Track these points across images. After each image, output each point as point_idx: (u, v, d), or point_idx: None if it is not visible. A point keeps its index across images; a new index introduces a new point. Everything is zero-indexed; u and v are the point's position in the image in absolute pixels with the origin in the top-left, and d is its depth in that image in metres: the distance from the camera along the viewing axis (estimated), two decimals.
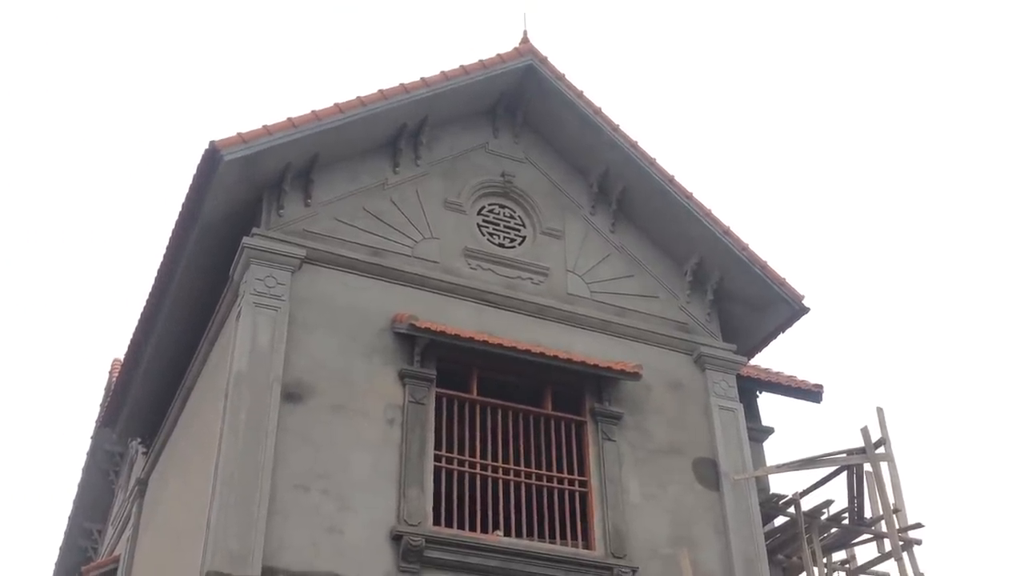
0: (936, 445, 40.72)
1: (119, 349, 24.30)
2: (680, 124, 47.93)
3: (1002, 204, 44.87)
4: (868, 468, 12.32)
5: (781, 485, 13.85)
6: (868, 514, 12.61)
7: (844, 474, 12.68)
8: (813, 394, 15.11)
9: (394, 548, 10.11)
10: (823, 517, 12.73)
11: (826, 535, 12.88)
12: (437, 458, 10.88)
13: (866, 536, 12.89)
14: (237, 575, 9.29)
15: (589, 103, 13.26)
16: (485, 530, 10.70)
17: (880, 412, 12.29)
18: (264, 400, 10.28)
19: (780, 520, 13.17)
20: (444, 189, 12.77)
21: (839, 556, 13.44)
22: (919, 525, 11.97)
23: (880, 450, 12.08)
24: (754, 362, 14.45)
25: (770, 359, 25.05)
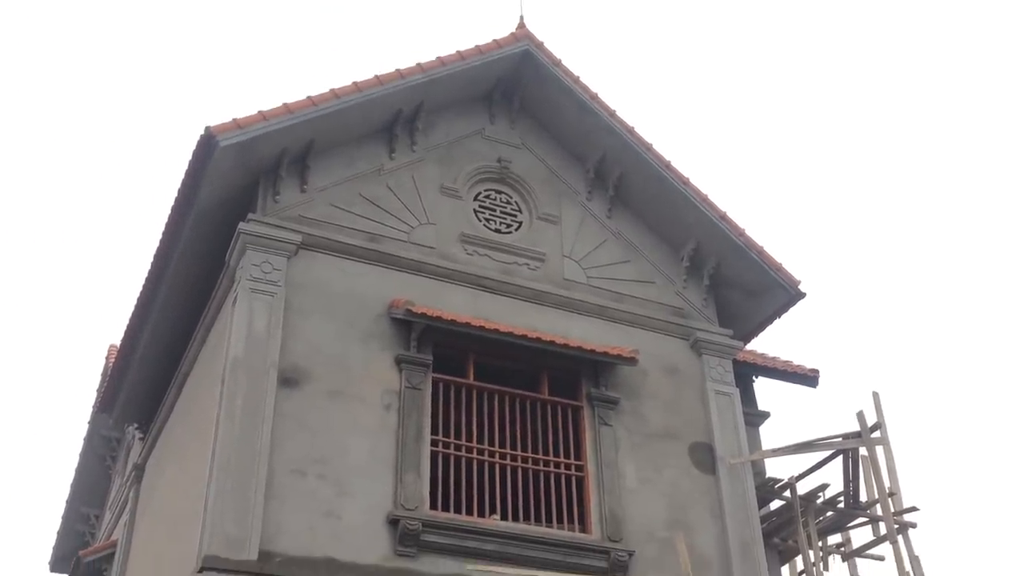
0: (931, 429, 40.85)
1: (115, 335, 24.34)
2: (676, 110, 47.88)
3: (997, 188, 44.89)
4: (864, 452, 12.35)
5: (777, 469, 13.96)
6: (863, 498, 12.65)
7: (840, 458, 12.72)
8: (809, 379, 15.14)
9: (391, 532, 10.14)
10: (819, 501, 12.78)
11: (822, 519, 12.93)
12: (434, 443, 10.91)
13: (861, 520, 12.94)
14: (235, 560, 9.33)
15: (586, 88, 13.24)
16: (482, 514, 10.74)
17: (876, 396, 12.33)
18: (261, 385, 10.29)
19: (776, 504, 13.23)
20: (440, 175, 12.76)
21: (835, 539, 13.49)
22: (914, 508, 12.02)
23: (876, 434, 12.12)
24: (750, 347, 14.49)
25: (766, 344, 25.04)
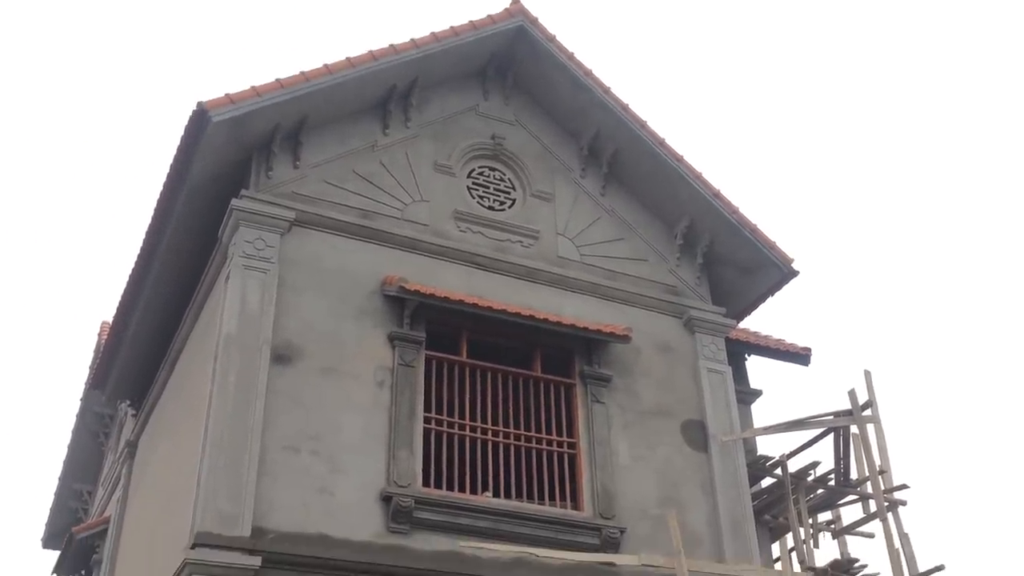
0: (922, 407, 41.03)
1: (108, 311, 24.28)
2: (671, 90, 47.74)
3: (990, 165, 44.91)
4: (854, 430, 12.42)
5: (768, 447, 13.99)
6: (854, 475, 12.73)
7: (831, 436, 12.79)
8: (801, 357, 15.19)
9: (384, 509, 10.17)
10: (809, 478, 12.85)
11: (812, 496, 13.01)
12: (427, 420, 10.91)
13: (852, 497, 13.04)
14: (227, 536, 9.34)
15: (580, 65, 13.18)
16: (474, 491, 10.77)
17: (867, 375, 12.37)
18: (253, 362, 10.27)
19: (767, 481, 13.30)
20: (434, 151, 12.71)
21: (825, 517, 13.58)
22: (904, 486, 12.10)
23: (867, 412, 12.17)
24: (743, 325, 14.50)
25: (759, 322, 25.14)
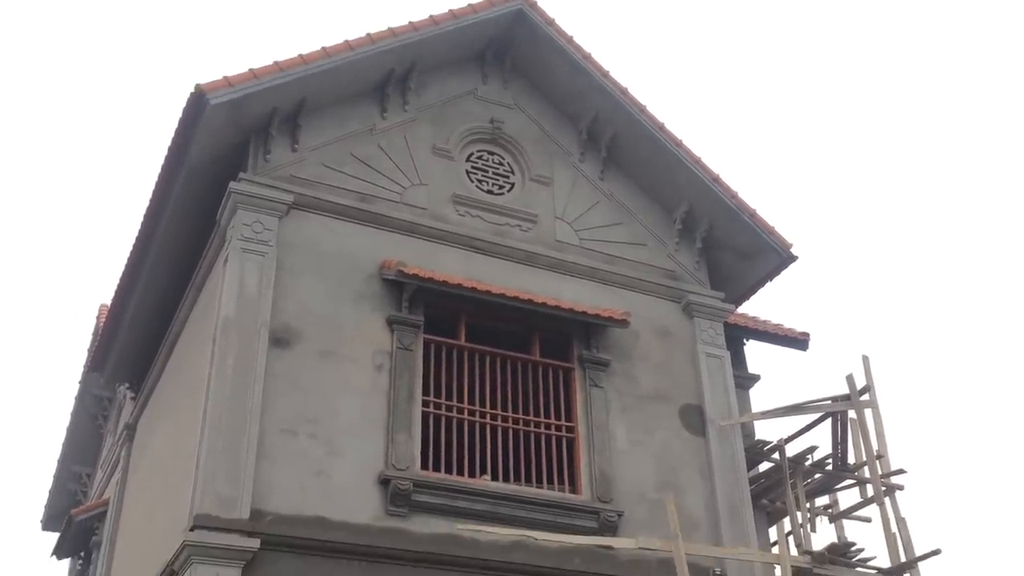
0: (920, 392, 41.08)
1: (107, 294, 24.24)
2: (670, 75, 47.63)
3: (989, 150, 44.85)
4: (852, 415, 12.43)
5: (766, 431, 14.04)
6: (851, 460, 12.74)
7: (829, 421, 12.80)
8: (799, 342, 15.19)
9: (382, 492, 10.19)
10: (807, 463, 12.86)
11: (810, 480, 13.03)
12: (425, 403, 10.93)
13: (849, 481, 13.05)
14: (226, 518, 9.37)
15: (579, 48, 13.14)
16: (472, 475, 10.78)
17: (865, 360, 12.38)
18: (252, 345, 10.28)
19: (765, 466, 13.31)
20: (433, 135, 12.68)
21: (822, 501, 13.61)
22: (901, 471, 12.10)
23: (865, 397, 12.19)
24: (741, 310, 14.50)
25: (757, 307, 25.16)
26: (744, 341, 14.85)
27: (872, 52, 48.03)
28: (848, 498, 13.39)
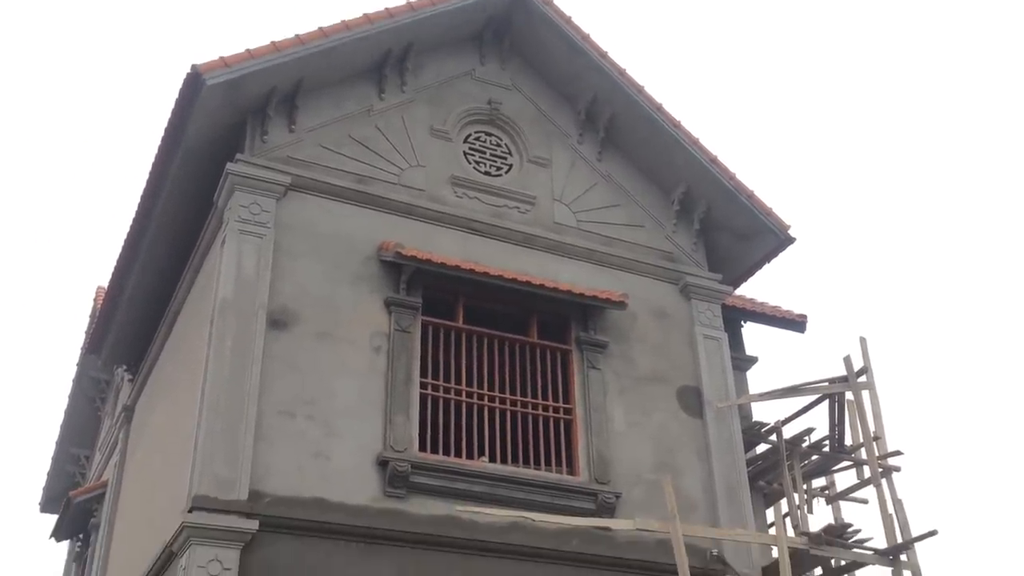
0: (917, 374, 41.18)
1: (104, 276, 24.24)
2: (669, 55, 47.48)
3: (988, 133, 44.80)
4: (849, 396, 12.45)
5: (763, 413, 14.03)
6: (848, 442, 12.77)
7: (826, 402, 12.82)
8: (797, 324, 15.18)
9: (380, 473, 10.20)
10: (804, 444, 12.90)
11: (807, 462, 13.07)
12: (423, 385, 10.93)
13: (846, 463, 13.09)
14: (224, 500, 9.38)
15: (577, 29, 13.07)
16: (470, 456, 10.80)
17: (863, 341, 12.40)
18: (250, 327, 10.26)
19: (762, 447, 13.35)
20: (430, 116, 12.64)
21: (819, 483, 13.65)
22: (898, 452, 12.14)
23: (862, 379, 12.21)
24: (739, 292, 14.49)
25: (755, 289, 25.10)
26: (742, 323, 14.84)
27: (869, 35, 47.92)
28: (845, 479, 13.46)
